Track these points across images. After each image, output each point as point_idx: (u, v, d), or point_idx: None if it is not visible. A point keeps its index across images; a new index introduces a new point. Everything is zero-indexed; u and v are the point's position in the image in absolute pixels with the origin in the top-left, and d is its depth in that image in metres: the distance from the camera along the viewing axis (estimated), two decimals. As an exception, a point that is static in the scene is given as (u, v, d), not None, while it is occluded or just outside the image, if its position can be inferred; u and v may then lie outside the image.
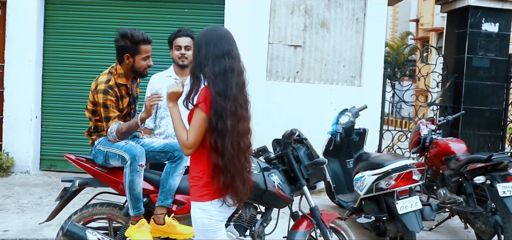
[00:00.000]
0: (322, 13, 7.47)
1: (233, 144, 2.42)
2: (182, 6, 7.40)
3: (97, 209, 3.54)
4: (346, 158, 5.78)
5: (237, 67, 2.50)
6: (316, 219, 3.62)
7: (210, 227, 2.54)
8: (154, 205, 3.45)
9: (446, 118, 5.92)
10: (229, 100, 2.42)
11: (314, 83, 7.49)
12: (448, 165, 5.23)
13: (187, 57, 3.93)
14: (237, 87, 2.46)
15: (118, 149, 3.32)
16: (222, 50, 2.48)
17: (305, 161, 3.69)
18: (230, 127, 2.41)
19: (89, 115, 3.48)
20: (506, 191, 4.50)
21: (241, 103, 2.48)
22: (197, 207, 2.52)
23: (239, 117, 2.45)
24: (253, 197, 3.56)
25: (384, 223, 4.66)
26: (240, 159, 2.47)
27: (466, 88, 7.36)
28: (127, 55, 3.41)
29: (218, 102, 2.40)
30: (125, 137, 3.33)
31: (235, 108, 2.44)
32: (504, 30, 7.39)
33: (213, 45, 2.48)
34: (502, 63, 7.43)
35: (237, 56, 2.54)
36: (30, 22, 7.15)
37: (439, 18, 27.96)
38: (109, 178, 3.46)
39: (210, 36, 2.52)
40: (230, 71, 2.46)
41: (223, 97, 2.41)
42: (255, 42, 7.26)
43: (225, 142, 2.40)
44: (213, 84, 2.42)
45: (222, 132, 2.40)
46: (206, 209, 2.51)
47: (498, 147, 7.50)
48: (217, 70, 2.44)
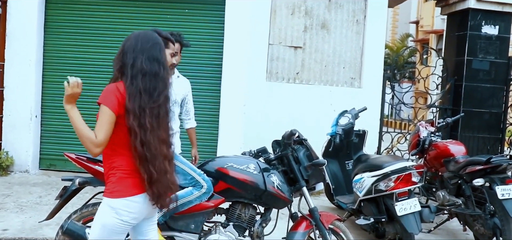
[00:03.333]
0: (322, 15, 7.48)
1: (150, 144, 2.42)
2: (183, 7, 7.40)
3: (97, 208, 3.54)
4: (345, 159, 5.79)
5: (166, 78, 2.53)
6: (315, 220, 3.63)
7: (113, 227, 2.49)
8: None
9: (445, 120, 5.93)
10: (154, 101, 2.45)
11: (314, 84, 7.50)
12: (447, 167, 5.23)
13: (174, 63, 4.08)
14: (163, 95, 2.49)
15: (194, 172, 3.51)
16: (161, 57, 2.54)
17: (305, 162, 3.71)
18: (150, 126, 2.41)
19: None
20: (505, 194, 4.51)
21: (164, 112, 2.51)
22: (106, 203, 2.50)
23: (160, 122, 2.47)
24: (253, 197, 3.59)
25: (383, 225, 4.67)
26: (159, 162, 2.47)
27: (466, 91, 7.37)
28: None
29: (143, 99, 2.41)
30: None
31: (158, 111, 2.47)
32: (504, 32, 7.40)
33: (158, 49, 2.54)
34: (502, 65, 7.45)
35: (168, 73, 2.59)
36: (31, 21, 7.15)
37: (439, 20, 27.96)
38: None
39: (148, 37, 2.56)
40: (161, 78, 2.50)
41: (148, 95, 2.43)
42: (256, 43, 7.27)
43: (143, 139, 2.41)
44: (142, 80, 2.44)
45: (139, 128, 2.40)
46: (114, 207, 2.47)
47: (497, 149, 7.52)
48: (150, 69, 2.46)
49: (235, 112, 7.30)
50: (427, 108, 7.84)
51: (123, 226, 2.51)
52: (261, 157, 3.81)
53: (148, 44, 2.52)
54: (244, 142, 7.06)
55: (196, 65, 7.30)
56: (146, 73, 2.45)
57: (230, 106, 7.30)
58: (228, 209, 3.73)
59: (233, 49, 7.23)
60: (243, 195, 3.61)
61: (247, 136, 7.16)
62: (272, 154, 3.82)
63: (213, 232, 3.59)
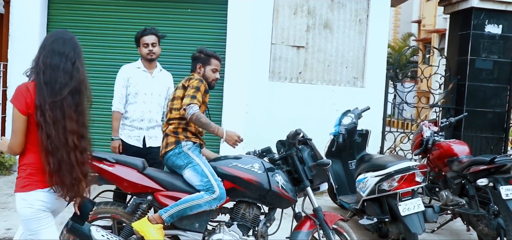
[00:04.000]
0: (325, 14, 7.46)
1: (53, 137, 2.48)
2: (185, 6, 7.39)
3: (101, 208, 3.57)
4: (348, 159, 5.78)
5: (71, 70, 2.57)
6: (319, 220, 3.64)
7: (31, 216, 2.58)
8: (158, 203, 3.49)
9: (449, 120, 5.90)
10: (56, 94, 2.50)
11: (317, 84, 7.49)
12: (451, 167, 5.22)
13: (154, 53, 4.40)
14: (67, 87, 2.54)
15: (211, 174, 3.51)
16: (65, 50, 2.59)
17: (309, 162, 3.72)
18: (52, 118, 2.48)
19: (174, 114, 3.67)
20: (509, 194, 4.50)
21: (70, 103, 2.55)
22: (19, 197, 2.58)
23: (64, 114, 2.52)
24: (257, 197, 3.58)
25: (386, 225, 4.66)
26: (69, 154, 2.53)
27: (469, 90, 7.35)
28: (199, 65, 3.85)
29: (43, 92, 2.48)
30: (199, 125, 3.58)
31: (61, 103, 2.51)
32: (507, 32, 7.38)
33: (61, 43, 2.60)
34: (505, 65, 7.42)
35: (78, 67, 2.62)
36: (34, 22, 7.14)
37: (442, 19, 27.90)
38: (115, 175, 3.49)
39: (61, 35, 2.65)
40: (64, 71, 2.55)
41: (50, 88, 2.49)
42: (258, 42, 7.26)
43: (47, 132, 2.48)
44: (43, 75, 2.51)
45: (44, 122, 2.47)
46: (27, 199, 2.56)
47: (501, 149, 7.50)
48: (49, 62, 2.53)
49: (237, 112, 7.28)
50: (430, 108, 7.82)
51: (41, 216, 2.60)
52: (266, 156, 3.82)
53: (50, 39, 2.62)
54: (246, 141, 7.03)
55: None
56: (47, 67, 2.52)
57: (232, 106, 7.29)
58: (232, 208, 3.73)
59: (235, 49, 7.22)
60: (248, 194, 3.61)
61: (249, 136, 7.12)
62: (276, 154, 3.82)
63: (217, 231, 3.60)
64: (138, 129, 4.40)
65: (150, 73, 4.45)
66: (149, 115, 4.42)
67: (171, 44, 6.98)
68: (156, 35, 4.41)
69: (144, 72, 4.43)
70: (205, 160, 3.63)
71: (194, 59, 3.88)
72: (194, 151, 3.61)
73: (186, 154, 3.58)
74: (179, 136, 3.61)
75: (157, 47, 4.42)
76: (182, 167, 3.57)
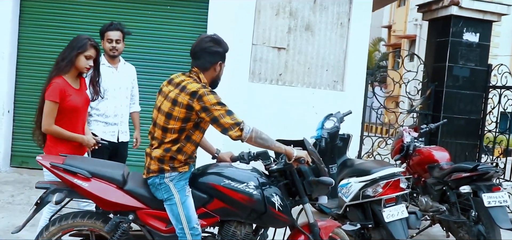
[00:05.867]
0: (307, 16, 7.42)
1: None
2: (165, 3, 7.22)
3: (78, 221, 3.18)
4: (329, 163, 5.70)
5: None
6: (314, 236, 3.44)
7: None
8: (141, 221, 3.16)
9: (428, 126, 5.94)
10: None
11: (297, 86, 7.44)
12: (432, 173, 5.24)
13: (117, 49, 4.32)
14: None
15: (186, 219, 3.08)
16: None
17: (310, 176, 3.40)
18: None
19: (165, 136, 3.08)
20: (491, 201, 4.54)
21: None
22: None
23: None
24: (251, 218, 3.32)
25: (369, 231, 4.62)
26: None
27: (446, 97, 7.44)
28: (220, 63, 3.27)
29: None
30: (259, 144, 3.14)
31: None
32: (484, 40, 7.52)
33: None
34: (481, 73, 7.55)
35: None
36: (5, 14, 6.85)
37: (412, 25, 28.44)
38: (91, 194, 3.08)
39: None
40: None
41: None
42: (239, 42, 7.13)
43: None
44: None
45: None
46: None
47: (475, 155, 7.62)
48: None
49: (216, 113, 7.14)
50: (408, 113, 7.87)
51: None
52: (260, 160, 3.52)
53: None
54: (224, 143, 6.92)
55: (178, 64, 7.12)
56: None
57: (211, 106, 7.15)
58: (222, 224, 3.38)
59: (216, 48, 7.07)
60: (240, 214, 3.29)
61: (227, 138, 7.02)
62: (272, 160, 3.54)
63: None
64: (112, 125, 4.39)
65: (115, 68, 4.42)
66: (120, 110, 4.43)
67: (151, 42, 6.80)
68: (121, 31, 4.34)
69: (109, 68, 4.36)
70: (186, 197, 3.15)
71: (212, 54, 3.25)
72: (177, 183, 3.11)
73: (167, 187, 3.11)
74: (163, 165, 3.10)
75: (121, 44, 4.36)
76: (162, 199, 3.19)
